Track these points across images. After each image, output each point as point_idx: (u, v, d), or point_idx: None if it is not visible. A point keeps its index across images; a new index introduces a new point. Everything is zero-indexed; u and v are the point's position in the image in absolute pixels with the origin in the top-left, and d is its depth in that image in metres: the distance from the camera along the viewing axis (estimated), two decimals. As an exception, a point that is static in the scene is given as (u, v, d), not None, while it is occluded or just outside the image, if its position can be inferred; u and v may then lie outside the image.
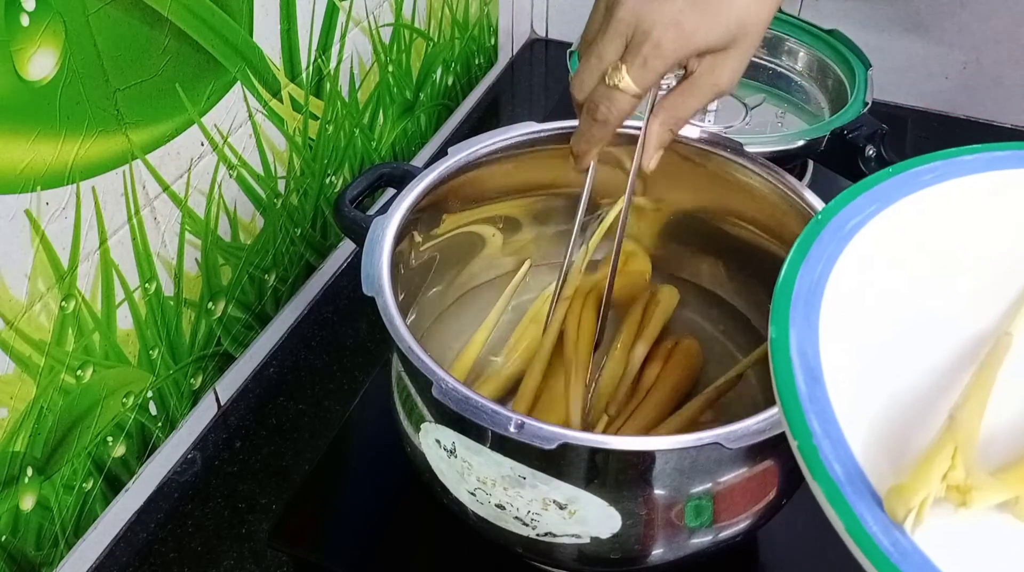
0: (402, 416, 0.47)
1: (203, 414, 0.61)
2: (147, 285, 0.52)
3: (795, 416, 0.31)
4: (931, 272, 0.38)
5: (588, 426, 0.53)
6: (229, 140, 0.56)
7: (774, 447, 0.41)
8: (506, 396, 0.55)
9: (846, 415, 0.32)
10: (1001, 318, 0.36)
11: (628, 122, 0.49)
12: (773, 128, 0.77)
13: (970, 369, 0.34)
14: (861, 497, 0.29)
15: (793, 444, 0.31)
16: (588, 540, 0.42)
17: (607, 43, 0.44)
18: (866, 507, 0.29)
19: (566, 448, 0.38)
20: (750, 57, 0.45)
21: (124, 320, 0.51)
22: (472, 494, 0.43)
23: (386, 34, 0.72)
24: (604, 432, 0.52)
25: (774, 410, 0.39)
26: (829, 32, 0.81)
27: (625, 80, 0.44)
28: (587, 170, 0.51)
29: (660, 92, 0.48)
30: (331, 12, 0.63)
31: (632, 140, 0.50)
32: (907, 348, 0.35)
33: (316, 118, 0.65)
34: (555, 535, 0.43)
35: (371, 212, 0.50)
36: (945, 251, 0.39)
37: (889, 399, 0.33)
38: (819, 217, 0.39)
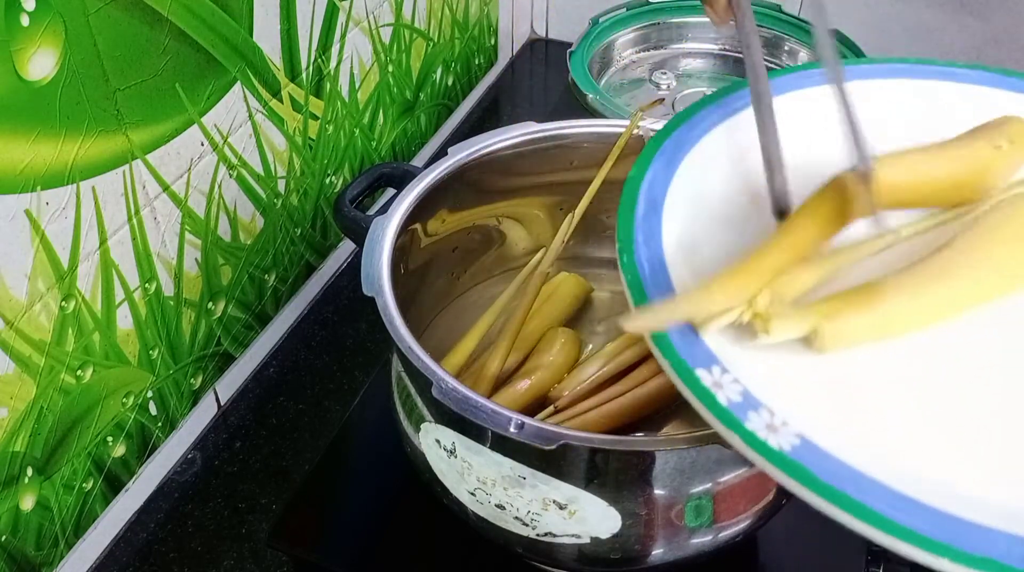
0: (402, 416, 0.47)
1: (203, 414, 0.61)
2: (147, 285, 0.52)
3: (625, 231, 0.35)
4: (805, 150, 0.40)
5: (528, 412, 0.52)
6: (229, 140, 0.56)
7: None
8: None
9: (671, 239, 0.35)
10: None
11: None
12: (773, 128, 0.77)
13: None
14: (662, 293, 0.33)
15: (618, 252, 0.34)
16: (588, 540, 0.42)
17: None
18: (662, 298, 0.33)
19: (566, 448, 0.38)
20: None
21: (124, 320, 0.51)
22: (472, 494, 0.43)
23: (386, 34, 0.72)
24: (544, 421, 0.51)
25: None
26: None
27: None
28: (726, 8, 0.46)
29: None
30: (331, 12, 0.63)
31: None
32: (758, 206, 0.38)
33: (316, 118, 0.65)
34: (555, 535, 0.43)
35: (371, 212, 0.50)
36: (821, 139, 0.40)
37: (718, 239, 0.36)
38: (713, 93, 0.41)
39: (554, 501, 0.41)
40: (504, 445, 0.40)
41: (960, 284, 0.34)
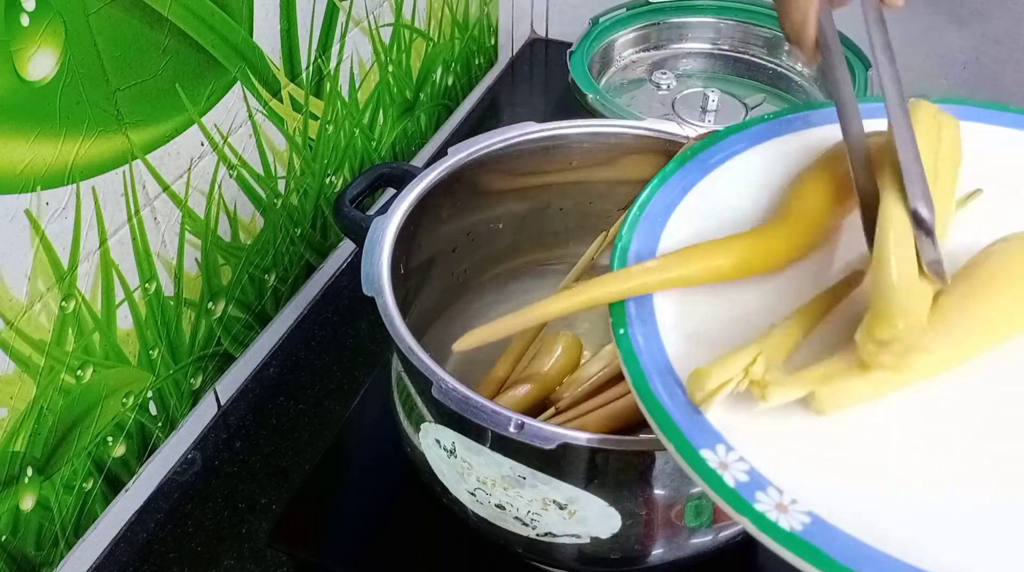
0: (402, 416, 0.47)
1: (203, 414, 0.61)
2: (147, 285, 0.52)
3: (617, 305, 0.36)
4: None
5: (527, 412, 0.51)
6: (229, 140, 0.56)
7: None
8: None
9: (665, 312, 0.36)
10: (846, 256, 0.39)
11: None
12: (773, 128, 0.77)
13: (796, 295, 0.36)
14: (663, 380, 0.33)
15: (612, 325, 0.35)
16: (588, 540, 0.42)
17: None
18: (660, 380, 0.33)
19: (566, 448, 0.38)
20: None
21: (124, 320, 0.51)
22: (472, 494, 0.43)
23: (386, 34, 0.72)
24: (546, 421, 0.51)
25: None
26: (829, 32, 0.81)
27: None
28: (814, 47, 0.44)
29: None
30: (331, 12, 0.63)
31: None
32: None
33: (316, 118, 0.65)
34: (555, 535, 0.43)
35: (371, 212, 0.50)
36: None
37: (712, 308, 0.36)
38: (687, 151, 0.41)
39: (554, 501, 0.41)
40: (504, 445, 0.40)
41: (957, 338, 0.33)
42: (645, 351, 0.34)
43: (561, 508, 0.41)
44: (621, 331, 0.35)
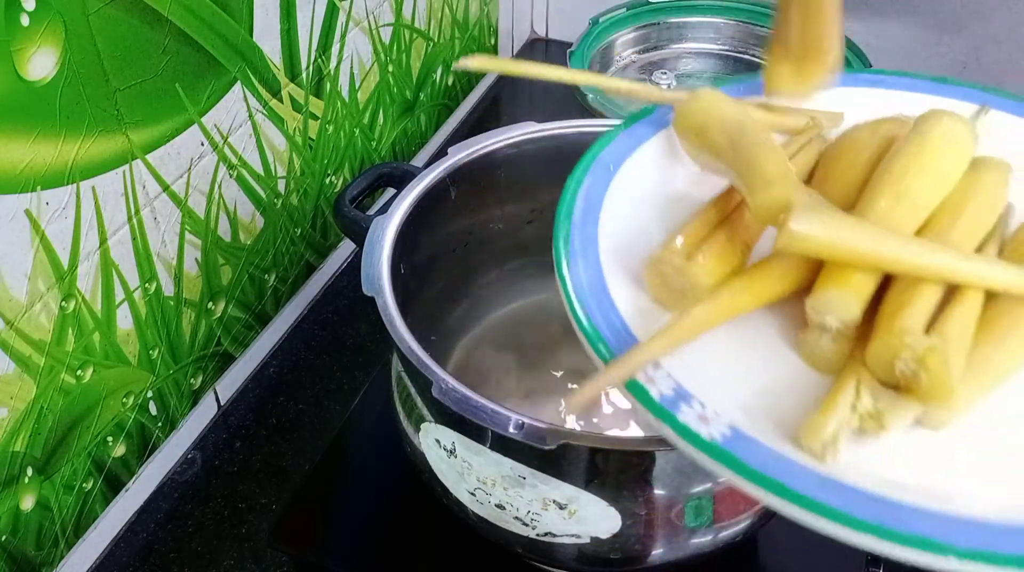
0: (402, 416, 0.47)
1: (203, 414, 0.61)
2: (147, 285, 0.52)
3: (564, 236, 0.36)
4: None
5: None
6: (229, 140, 0.56)
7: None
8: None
9: (608, 243, 0.36)
10: None
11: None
12: (773, 128, 0.77)
13: None
14: (599, 302, 0.33)
15: (555, 261, 0.35)
16: (588, 540, 0.42)
17: None
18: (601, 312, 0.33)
19: (566, 448, 0.38)
20: None
21: (124, 320, 0.51)
22: (472, 494, 0.43)
23: (386, 34, 0.72)
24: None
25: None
26: (829, 32, 0.81)
27: None
28: None
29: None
30: (331, 12, 0.63)
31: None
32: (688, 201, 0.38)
33: (316, 118, 0.65)
34: (555, 535, 0.43)
35: (371, 212, 0.50)
36: None
37: (652, 239, 0.36)
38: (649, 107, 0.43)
39: (554, 501, 0.41)
40: (504, 445, 0.40)
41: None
42: (585, 276, 0.34)
43: (561, 508, 0.41)
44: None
